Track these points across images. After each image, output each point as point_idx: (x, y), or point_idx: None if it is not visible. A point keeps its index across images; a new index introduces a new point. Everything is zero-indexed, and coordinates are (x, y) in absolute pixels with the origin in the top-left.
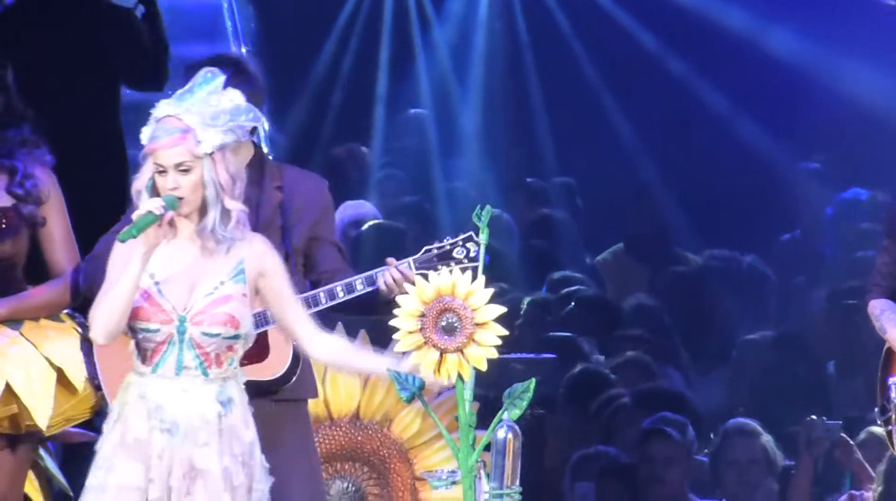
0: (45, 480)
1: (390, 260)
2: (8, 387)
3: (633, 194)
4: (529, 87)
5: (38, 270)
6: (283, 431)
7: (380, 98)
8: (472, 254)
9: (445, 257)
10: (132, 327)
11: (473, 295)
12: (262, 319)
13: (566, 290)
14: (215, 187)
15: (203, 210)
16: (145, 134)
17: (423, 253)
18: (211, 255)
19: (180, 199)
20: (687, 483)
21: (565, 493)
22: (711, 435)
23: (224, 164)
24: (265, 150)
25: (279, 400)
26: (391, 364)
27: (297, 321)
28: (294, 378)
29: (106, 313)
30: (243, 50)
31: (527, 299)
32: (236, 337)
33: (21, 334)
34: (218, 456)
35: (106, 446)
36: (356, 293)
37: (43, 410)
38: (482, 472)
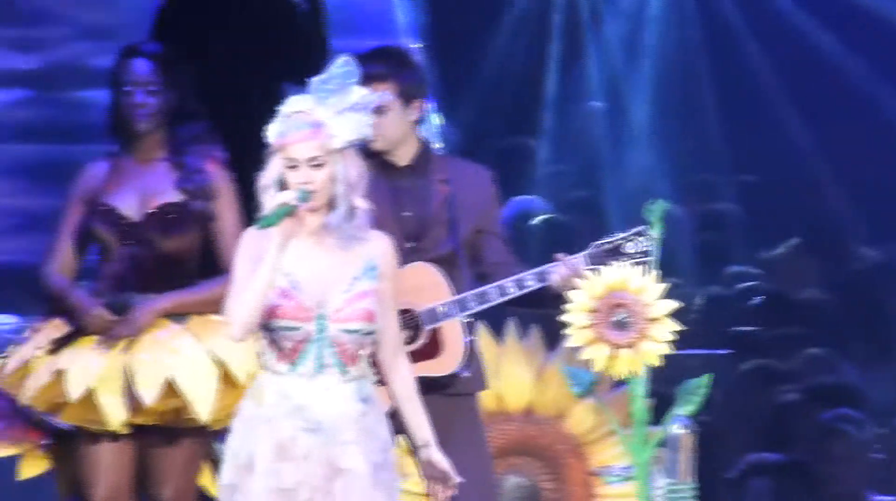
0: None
1: (560, 256)
2: (170, 381)
3: (806, 189)
4: (701, 82)
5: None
6: (454, 425)
7: (549, 92)
8: (644, 248)
9: (617, 253)
10: (268, 325)
11: (646, 290)
12: (432, 315)
13: (741, 285)
14: (345, 184)
15: (330, 207)
16: (273, 130)
17: (595, 248)
18: (338, 251)
19: (312, 193)
20: (865, 481)
21: (740, 490)
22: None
23: (353, 160)
24: (439, 144)
25: (450, 395)
26: (423, 437)
27: (388, 329)
28: (467, 373)
29: (245, 307)
30: (413, 45)
31: (700, 295)
32: (371, 333)
33: (186, 328)
34: (364, 455)
35: (260, 450)
36: (527, 290)
37: (204, 404)
38: (656, 468)
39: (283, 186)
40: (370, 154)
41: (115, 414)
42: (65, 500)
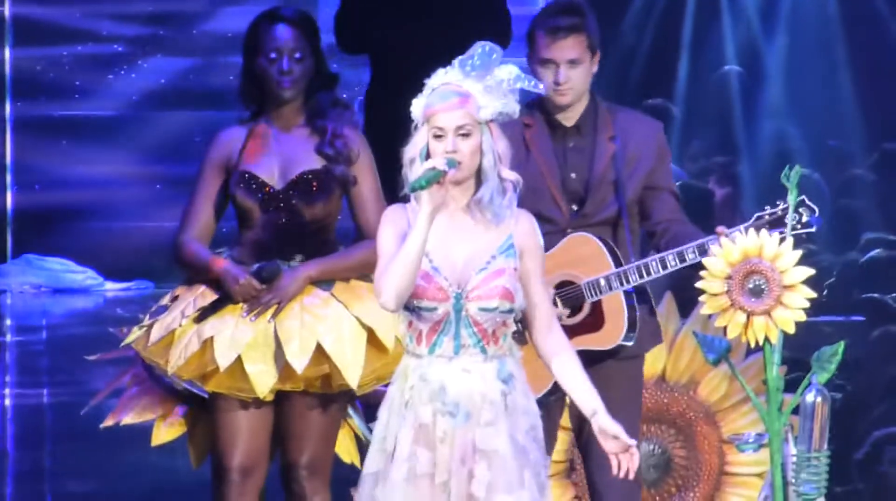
0: (354, 438)
1: (721, 229)
2: (319, 348)
3: None
4: (836, 50)
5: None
6: (619, 386)
7: (685, 57)
8: (804, 219)
9: (777, 224)
10: (408, 306)
11: (781, 257)
12: (594, 288)
13: (876, 251)
14: (494, 156)
15: (478, 181)
16: (419, 104)
17: (755, 220)
18: (482, 228)
19: (459, 163)
20: None
21: (874, 459)
22: None
23: (500, 134)
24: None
25: (618, 358)
26: (591, 406)
27: (537, 306)
28: (630, 343)
29: (397, 276)
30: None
31: (838, 261)
32: (510, 311)
33: (332, 294)
34: (508, 435)
35: (402, 435)
36: (688, 263)
37: (354, 370)
38: (790, 435)
39: (429, 158)
40: (538, 114)
41: (263, 382)
42: (197, 466)
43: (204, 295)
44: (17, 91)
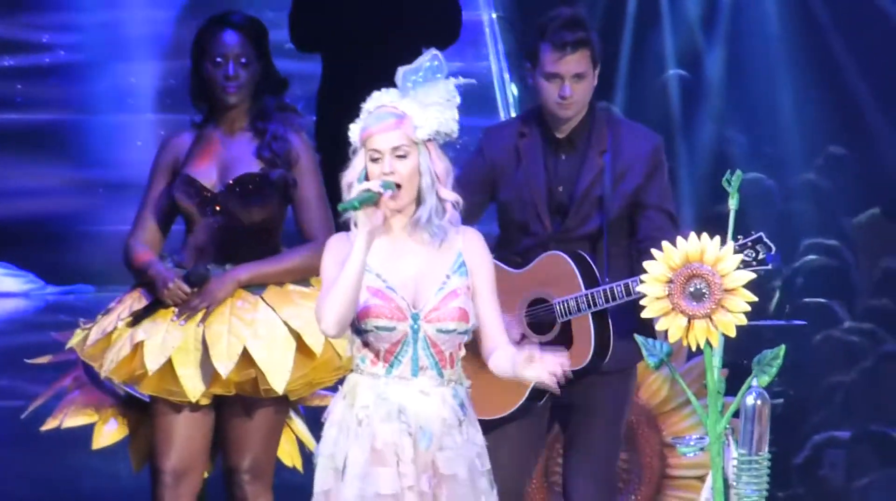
0: (296, 442)
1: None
2: (246, 352)
3: (889, 162)
4: (777, 55)
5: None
6: (598, 399)
7: (625, 62)
8: (760, 257)
9: (746, 251)
10: (363, 326)
11: (722, 261)
12: (566, 308)
13: (814, 256)
14: (431, 176)
15: (417, 202)
16: (356, 128)
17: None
18: (427, 249)
19: (397, 186)
20: None
21: (815, 462)
22: None
23: (438, 154)
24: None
25: (600, 372)
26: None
27: (488, 323)
28: (606, 361)
29: (336, 302)
30: (494, 15)
31: (778, 266)
32: (465, 332)
33: (262, 298)
34: (465, 461)
35: (354, 453)
36: (635, 296)
37: (280, 375)
38: (731, 439)
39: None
40: (534, 124)
41: (193, 385)
42: (138, 470)
43: (141, 299)
44: None
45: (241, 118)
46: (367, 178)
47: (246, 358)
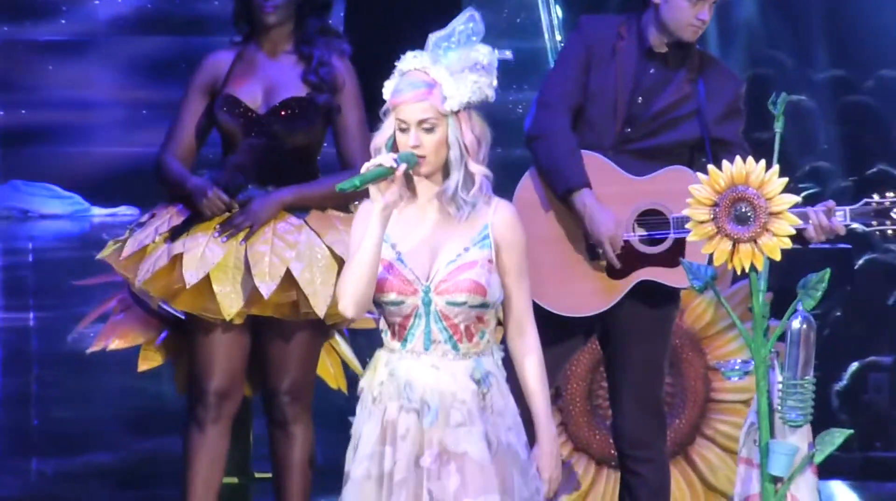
0: (341, 365)
1: (831, 203)
2: (288, 274)
3: None
4: None
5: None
6: (644, 323)
7: None
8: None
9: (883, 215)
10: (377, 300)
11: (768, 184)
12: (682, 225)
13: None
14: (460, 148)
15: (445, 172)
16: (388, 88)
17: (862, 205)
18: (452, 220)
19: (421, 158)
20: None
21: (859, 385)
22: None
23: (470, 124)
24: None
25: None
26: (539, 422)
27: (510, 304)
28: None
29: (352, 282)
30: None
31: (828, 189)
32: (484, 306)
33: (305, 222)
34: (479, 437)
35: (367, 431)
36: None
37: (322, 299)
38: (776, 362)
39: (395, 148)
40: (634, 31)
41: (230, 303)
42: (182, 392)
43: (179, 215)
44: (1, 15)
45: (285, 40)
46: (394, 144)
47: (287, 280)
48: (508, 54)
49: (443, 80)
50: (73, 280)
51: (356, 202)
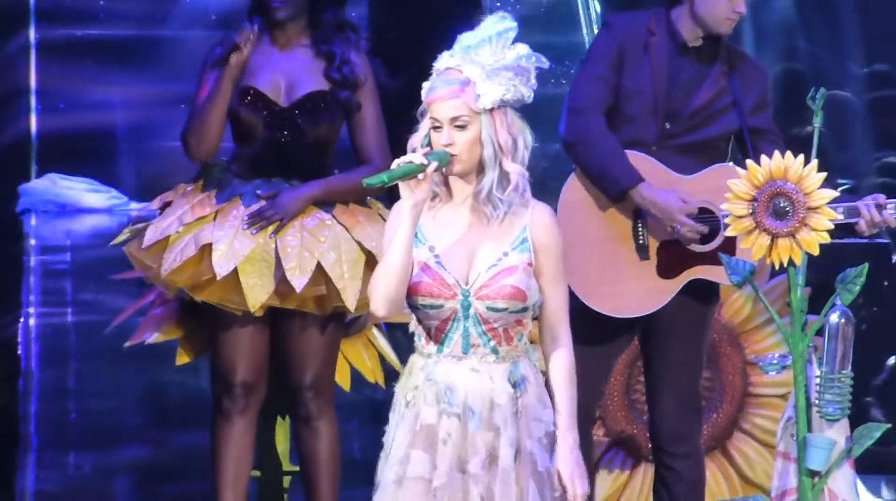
0: (378, 359)
1: (881, 198)
2: (319, 267)
3: None
4: None
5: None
6: (682, 317)
7: None
8: None
9: None
10: (412, 303)
11: (806, 179)
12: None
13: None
14: (493, 147)
15: (480, 172)
16: (426, 87)
17: None
18: (488, 221)
19: (454, 156)
20: None
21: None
22: None
23: (505, 122)
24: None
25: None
26: (560, 434)
27: (547, 308)
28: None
29: (383, 281)
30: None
31: (863, 185)
32: (524, 310)
33: (333, 216)
34: (511, 443)
35: (399, 436)
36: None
37: (352, 292)
38: (813, 357)
39: (431, 148)
40: (664, 27)
41: (256, 296)
42: (189, 361)
43: (203, 204)
44: (40, 13)
45: (299, 34)
46: (430, 143)
47: (318, 274)
48: (545, 62)
49: (476, 77)
50: (111, 274)
51: (372, 198)
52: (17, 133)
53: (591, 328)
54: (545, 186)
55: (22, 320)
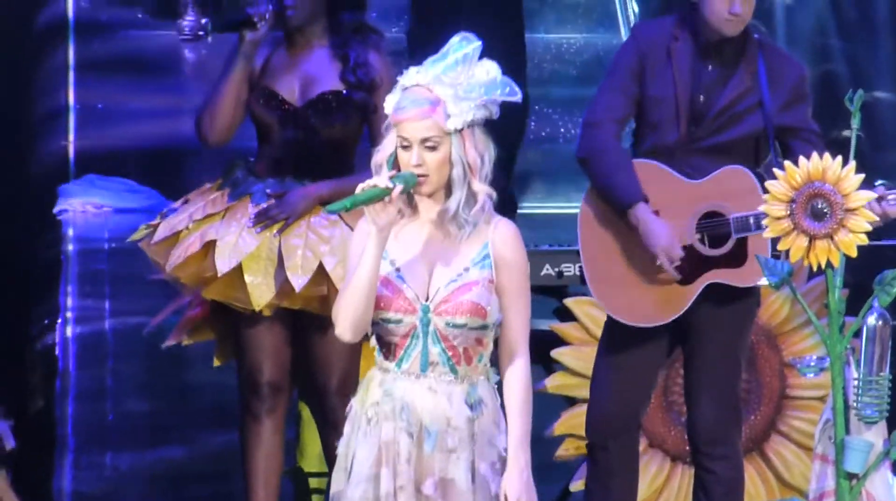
0: None
1: (880, 189)
2: (321, 268)
3: None
4: None
5: None
6: (722, 318)
7: None
8: None
9: None
10: (372, 318)
11: (844, 180)
12: (743, 224)
13: None
14: (463, 166)
15: (447, 190)
16: (390, 103)
17: None
18: (452, 238)
19: (422, 177)
20: None
21: None
22: None
23: (473, 142)
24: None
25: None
26: (512, 453)
27: (509, 330)
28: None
29: (348, 305)
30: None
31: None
32: (484, 327)
33: (340, 217)
34: (466, 465)
35: (361, 453)
36: None
37: None
38: (851, 359)
39: (396, 165)
40: (688, 31)
41: (260, 294)
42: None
43: (215, 202)
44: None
45: (318, 35)
46: (395, 162)
47: (319, 274)
48: (518, 97)
49: (447, 97)
50: (149, 274)
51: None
52: (56, 149)
53: (629, 339)
54: (567, 181)
55: (59, 321)
